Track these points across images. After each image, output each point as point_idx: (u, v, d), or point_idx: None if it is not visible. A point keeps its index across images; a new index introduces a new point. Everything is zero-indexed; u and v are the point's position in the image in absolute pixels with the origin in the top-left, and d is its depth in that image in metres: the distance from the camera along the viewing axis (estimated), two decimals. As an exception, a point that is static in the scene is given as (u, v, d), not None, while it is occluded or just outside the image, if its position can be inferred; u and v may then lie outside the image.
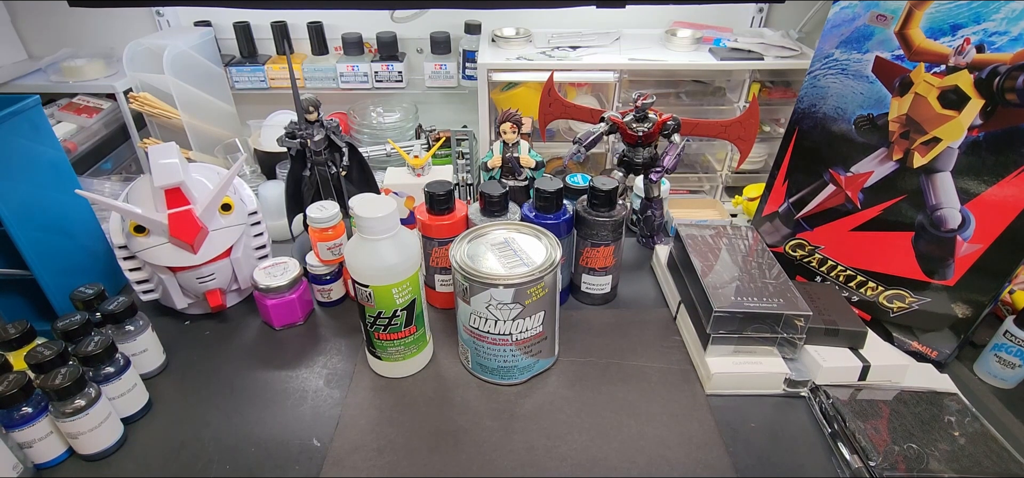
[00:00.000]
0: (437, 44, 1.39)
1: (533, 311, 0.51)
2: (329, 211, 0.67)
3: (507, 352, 0.54)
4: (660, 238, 0.84)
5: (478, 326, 0.52)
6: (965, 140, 0.54)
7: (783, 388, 0.58)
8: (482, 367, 0.57)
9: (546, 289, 0.51)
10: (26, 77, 1.29)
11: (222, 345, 0.66)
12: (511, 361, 0.56)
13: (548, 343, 0.57)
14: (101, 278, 0.65)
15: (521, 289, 0.49)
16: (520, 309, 0.50)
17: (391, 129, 1.35)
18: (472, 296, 0.51)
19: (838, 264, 0.68)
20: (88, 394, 0.49)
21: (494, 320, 0.51)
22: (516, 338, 0.52)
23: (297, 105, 0.69)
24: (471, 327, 0.53)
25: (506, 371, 0.57)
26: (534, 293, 0.50)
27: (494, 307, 0.50)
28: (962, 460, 0.48)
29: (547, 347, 0.57)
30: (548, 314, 0.53)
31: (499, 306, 0.50)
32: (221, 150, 1.18)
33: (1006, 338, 0.60)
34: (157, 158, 0.58)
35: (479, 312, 0.51)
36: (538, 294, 0.51)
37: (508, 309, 0.50)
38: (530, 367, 0.58)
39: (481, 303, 0.50)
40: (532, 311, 0.51)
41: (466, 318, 0.53)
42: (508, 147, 0.78)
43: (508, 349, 0.53)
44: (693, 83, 1.26)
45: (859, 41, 0.59)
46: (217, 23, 1.40)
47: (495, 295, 0.49)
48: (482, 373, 0.57)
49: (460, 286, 0.52)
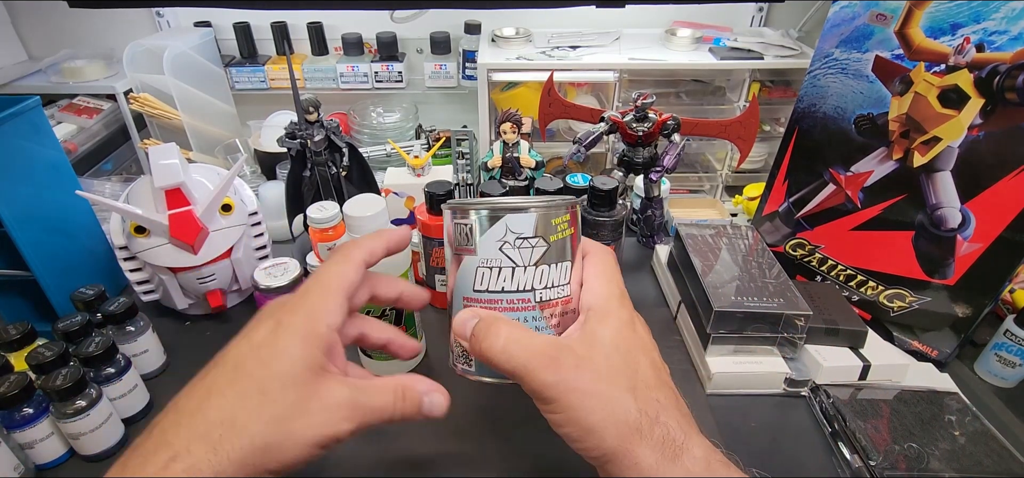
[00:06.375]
0: (437, 44, 1.39)
1: (559, 257, 0.37)
2: (329, 211, 0.67)
3: (528, 319, 0.37)
4: (660, 238, 0.84)
5: (488, 284, 0.36)
6: (965, 139, 0.54)
7: (783, 388, 0.58)
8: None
9: (572, 230, 0.38)
10: (26, 78, 1.29)
11: (223, 345, 0.65)
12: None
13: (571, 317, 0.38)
14: (102, 279, 0.65)
15: (546, 216, 0.36)
16: (545, 249, 0.36)
17: (391, 129, 1.35)
18: (480, 237, 0.36)
19: (838, 263, 0.68)
20: (89, 395, 0.49)
21: (511, 266, 0.36)
22: (540, 297, 0.36)
23: (297, 105, 0.69)
24: (477, 292, 0.37)
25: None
26: (561, 228, 0.37)
27: (511, 245, 0.36)
28: (962, 459, 0.48)
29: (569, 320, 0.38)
30: (573, 272, 0.38)
31: (519, 242, 0.36)
32: (221, 151, 1.18)
33: (1006, 337, 0.60)
34: (157, 159, 0.58)
35: (489, 259, 0.36)
36: (566, 231, 0.37)
37: (530, 247, 0.36)
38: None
39: (492, 244, 0.36)
40: (559, 256, 0.37)
41: (468, 284, 0.37)
42: (508, 147, 0.78)
43: (529, 315, 0.36)
44: (693, 83, 1.26)
45: (859, 40, 0.59)
46: (217, 23, 1.41)
47: (512, 225, 0.36)
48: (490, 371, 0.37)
49: (460, 233, 0.37)
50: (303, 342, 0.30)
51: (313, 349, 0.30)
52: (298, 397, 0.29)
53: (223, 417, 0.27)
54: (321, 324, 0.31)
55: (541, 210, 0.36)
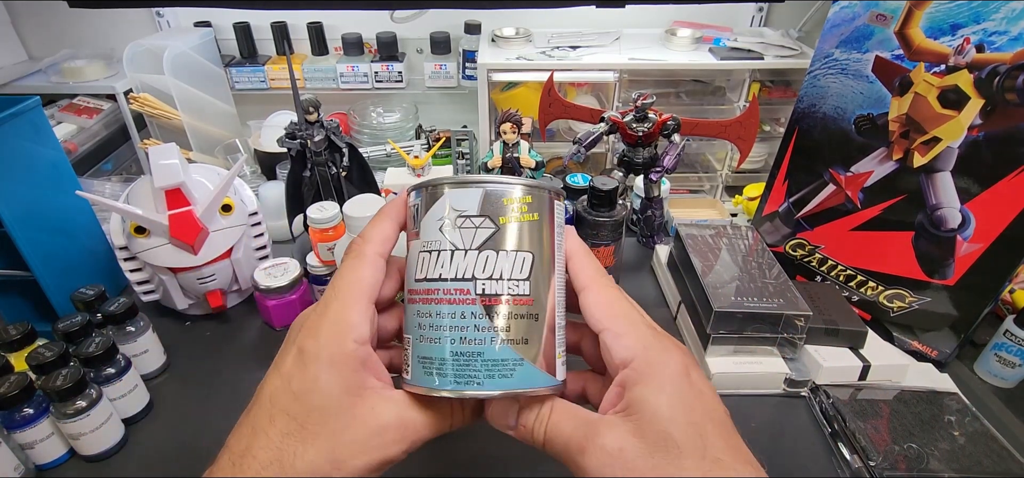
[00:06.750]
0: (437, 44, 1.39)
1: (513, 244, 0.30)
2: (329, 211, 0.67)
3: (467, 315, 0.29)
4: (660, 238, 0.84)
5: (427, 270, 0.30)
6: (965, 140, 0.54)
7: (783, 388, 0.58)
8: (426, 362, 0.30)
9: (536, 216, 0.31)
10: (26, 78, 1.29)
11: (223, 346, 0.66)
12: (474, 339, 0.29)
13: (537, 330, 0.30)
14: (102, 279, 0.65)
15: (494, 195, 0.30)
16: (492, 231, 0.30)
17: (391, 129, 1.35)
18: (423, 218, 0.31)
19: (838, 264, 0.68)
20: (89, 395, 0.49)
21: (449, 250, 0.30)
22: (482, 289, 0.29)
23: (297, 106, 0.69)
24: (417, 282, 0.31)
25: (464, 365, 0.29)
26: (518, 211, 0.30)
27: (450, 225, 0.30)
28: (962, 460, 0.48)
29: (536, 335, 0.30)
30: (537, 271, 0.30)
31: (459, 220, 0.30)
32: (221, 151, 1.18)
33: (1006, 337, 0.60)
34: (157, 159, 0.58)
35: (429, 242, 0.30)
36: (522, 217, 0.31)
37: (472, 227, 0.30)
38: (506, 367, 0.29)
39: (433, 224, 0.30)
40: (511, 243, 0.30)
41: (412, 274, 0.31)
42: (508, 147, 0.78)
43: (468, 310, 0.29)
44: (693, 83, 1.26)
45: (859, 41, 0.59)
46: (217, 24, 1.41)
47: (454, 202, 0.30)
48: (424, 376, 0.30)
49: (409, 216, 0.32)
50: (331, 367, 0.27)
51: (345, 372, 0.27)
52: (340, 426, 0.26)
53: (271, 458, 0.26)
54: (347, 342, 0.28)
55: (489, 186, 0.30)
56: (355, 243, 0.31)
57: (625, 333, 0.29)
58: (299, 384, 0.27)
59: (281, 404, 0.27)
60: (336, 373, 0.27)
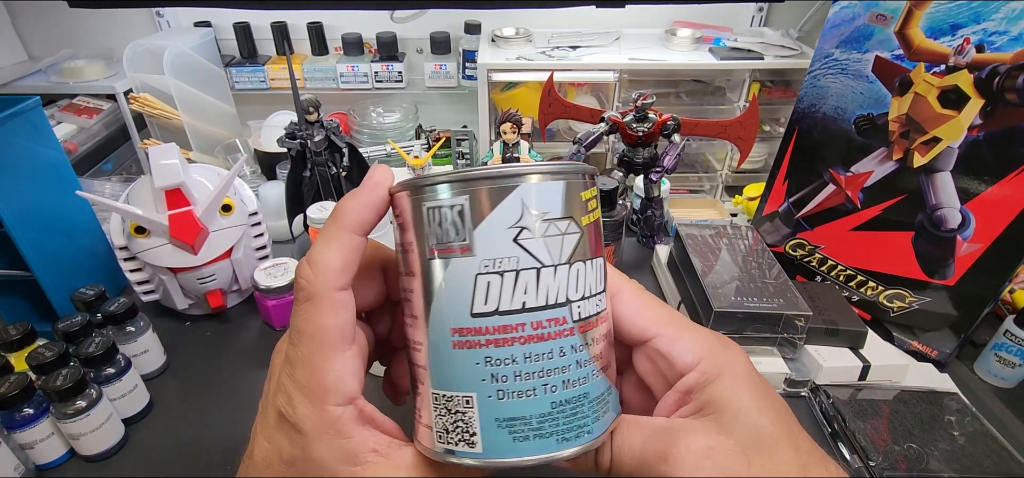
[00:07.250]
0: (437, 44, 1.39)
1: (592, 248, 0.24)
2: (329, 212, 0.67)
3: (567, 350, 0.23)
4: (660, 238, 0.84)
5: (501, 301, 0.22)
6: (965, 140, 0.54)
7: (783, 388, 0.58)
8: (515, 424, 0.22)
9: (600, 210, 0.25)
10: (26, 78, 1.29)
11: (223, 346, 0.66)
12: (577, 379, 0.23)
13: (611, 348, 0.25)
14: (102, 279, 0.65)
15: (573, 188, 0.23)
16: (578, 235, 0.23)
17: (391, 129, 1.35)
18: (480, 224, 0.22)
19: (838, 264, 0.68)
20: (89, 395, 0.49)
21: (534, 267, 0.22)
22: (578, 313, 0.23)
23: (297, 106, 0.69)
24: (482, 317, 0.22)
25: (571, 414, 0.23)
26: (592, 206, 0.24)
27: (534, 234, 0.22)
28: (962, 460, 0.48)
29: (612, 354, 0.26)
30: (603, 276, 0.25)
31: (543, 223, 0.22)
32: (221, 151, 1.18)
33: (1006, 337, 0.60)
34: (157, 159, 0.58)
35: (499, 260, 0.22)
36: (595, 214, 0.24)
37: (558, 234, 0.22)
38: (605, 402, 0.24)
39: (500, 235, 0.22)
40: (591, 247, 0.24)
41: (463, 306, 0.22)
42: (508, 147, 0.78)
43: (568, 343, 0.23)
44: (693, 83, 1.26)
45: (859, 41, 0.59)
46: (217, 24, 1.40)
47: (532, 199, 0.22)
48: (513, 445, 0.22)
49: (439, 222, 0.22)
50: (319, 439, 0.23)
51: (335, 443, 0.23)
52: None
53: None
54: (325, 410, 0.23)
55: (569, 176, 0.23)
56: (301, 279, 0.23)
57: (681, 336, 0.26)
58: (289, 454, 0.23)
59: (276, 470, 0.24)
60: (325, 445, 0.23)
